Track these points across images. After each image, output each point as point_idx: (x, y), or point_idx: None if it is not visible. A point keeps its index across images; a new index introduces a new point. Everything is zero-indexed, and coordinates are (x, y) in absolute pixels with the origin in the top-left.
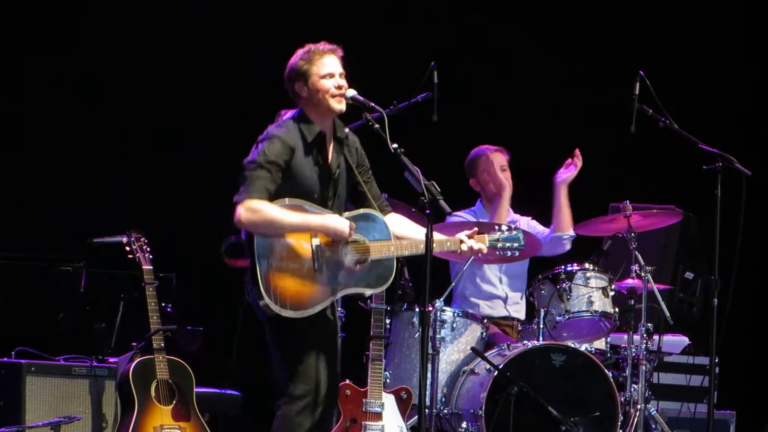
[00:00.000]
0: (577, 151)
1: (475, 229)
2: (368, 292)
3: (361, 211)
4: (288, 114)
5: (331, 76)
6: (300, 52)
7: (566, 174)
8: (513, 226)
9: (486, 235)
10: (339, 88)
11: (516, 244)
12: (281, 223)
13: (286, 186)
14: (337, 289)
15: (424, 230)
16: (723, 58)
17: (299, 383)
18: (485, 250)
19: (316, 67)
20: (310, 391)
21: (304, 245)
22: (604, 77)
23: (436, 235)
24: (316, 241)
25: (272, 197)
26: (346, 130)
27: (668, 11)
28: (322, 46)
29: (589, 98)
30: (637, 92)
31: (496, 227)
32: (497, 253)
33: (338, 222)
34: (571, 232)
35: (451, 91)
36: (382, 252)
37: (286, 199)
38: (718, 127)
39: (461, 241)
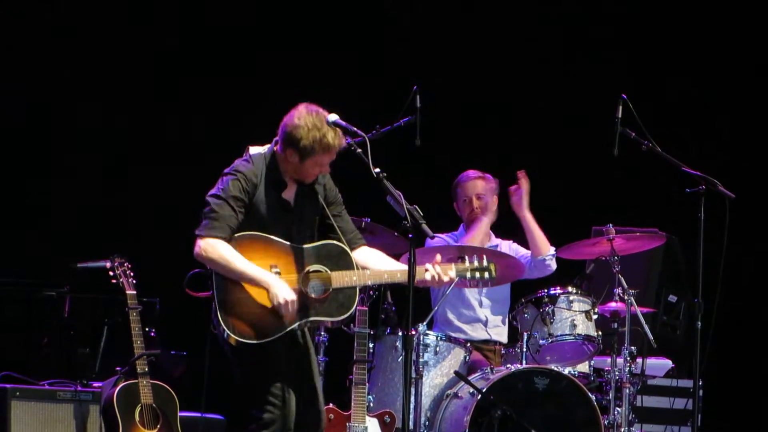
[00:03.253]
0: (520, 174)
1: (438, 257)
2: (329, 321)
3: (325, 241)
4: (255, 151)
5: (321, 168)
6: (309, 123)
7: (517, 201)
8: (486, 255)
9: (454, 264)
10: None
11: (487, 275)
12: (233, 268)
13: (250, 219)
14: (297, 319)
15: (395, 263)
16: (705, 80)
17: (267, 409)
18: (452, 279)
19: (313, 159)
20: (277, 417)
21: (260, 286)
22: (588, 100)
23: (399, 265)
24: (275, 271)
25: (234, 233)
26: None
27: (648, 35)
28: (332, 139)
29: (572, 120)
30: (619, 115)
31: (467, 257)
32: (467, 283)
33: (282, 292)
34: (551, 252)
35: (434, 114)
36: (343, 282)
37: (257, 232)
38: (702, 150)
39: (425, 270)
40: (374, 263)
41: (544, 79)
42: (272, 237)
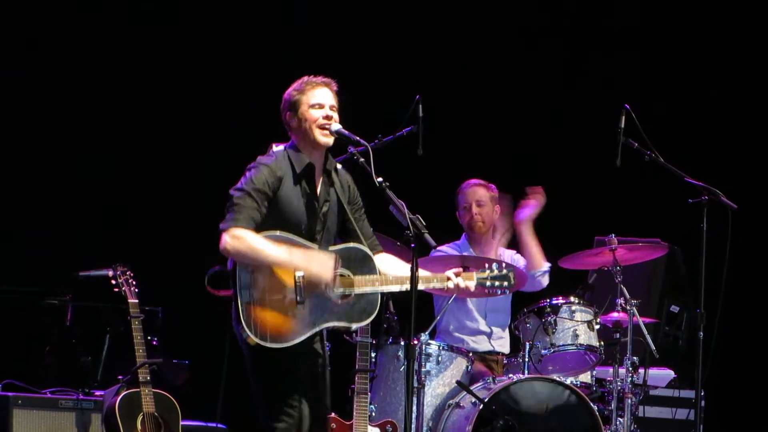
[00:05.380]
0: (538, 189)
1: (459, 270)
2: (351, 326)
3: (349, 245)
4: (279, 146)
5: (320, 106)
6: (295, 83)
7: (527, 212)
8: (504, 264)
9: (474, 273)
10: (327, 118)
11: (506, 283)
12: (265, 255)
13: (273, 215)
14: (319, 322)
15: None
16: (708, 90)
17: (281, 417)
18: (472, 288)
19: (306, 97)
20: (292, 425)
21: (288, 277)
22: (590, 110)
23: (423, 272)
24: (299, 273)
25: (258, 226)
26: (339, 166)
27: (652, 45)
28: (317, 78)
29: (574, 131)
30: (622, 125)
31: (486, 265)
32: (486, 291)
33: (322, 265)
34: (544, 268)
35: (436, 123)
36: (366, 286)
37: (278, 231)
38: (704, 160)
39: (448, 278)
40: (394, 270)
41: (547, 88)
42: (295, 237)
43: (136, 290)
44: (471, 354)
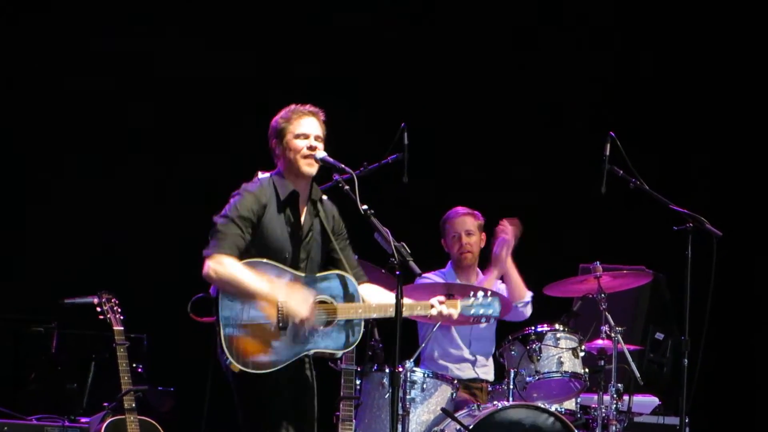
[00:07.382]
0: (513, 220)
1: (443, 297)
2: (335, 353)
3: (333, 272)
4: (264, 174)
5: (306, 136)
6: (282, 111)
7: (501, 246)
8: (490, 292)
9: (459, 300)
10: (311, 149)
11: (490, 311)
12: (245, 286)
13: (257, 242)
14: (302, 349)
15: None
16: (692, 117)
17: None
18: (455, 316)
19: (292, 126)
20: None
21: (271, 303)
22: (575, 137)
23: (406, 300)
24: (282, 300)
25: (242, 253)
26: (324, 197)
27: (636, 72)
28: (304, 107)
29: (559, 158)
30: (607, 153)
31: (471, 293)
32: (470, 320)
33: (299, 306)
34: (526, 299)
35: (422, 151)
36: (349, 314)
37: (264, 259)
38: (689, 188)
39: (431, 306)
40: (378, 299)
41: (533, 115)
42: (280, 265)
43: (121, 317)
44: (456, 381)
